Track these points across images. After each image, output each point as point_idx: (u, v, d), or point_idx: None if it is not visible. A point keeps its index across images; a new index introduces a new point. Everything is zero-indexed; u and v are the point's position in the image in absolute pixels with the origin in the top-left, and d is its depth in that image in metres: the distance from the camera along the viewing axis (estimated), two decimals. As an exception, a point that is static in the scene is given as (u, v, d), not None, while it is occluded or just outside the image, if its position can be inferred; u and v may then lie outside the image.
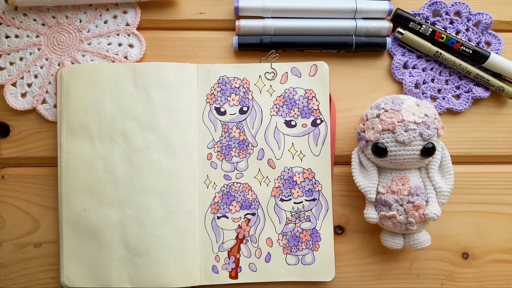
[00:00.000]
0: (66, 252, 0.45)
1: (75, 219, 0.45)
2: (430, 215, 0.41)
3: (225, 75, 0.47)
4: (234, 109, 0.47)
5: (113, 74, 0.46)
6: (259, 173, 0.47)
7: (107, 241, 0.45)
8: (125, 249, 0.45)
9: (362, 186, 0.44)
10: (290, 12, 0.48)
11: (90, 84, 0.46)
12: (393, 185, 0.43)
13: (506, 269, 0.48)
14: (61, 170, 0.46)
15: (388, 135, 0.41)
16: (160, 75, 0.46)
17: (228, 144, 0.47)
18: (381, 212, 0.43)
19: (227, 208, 0.47)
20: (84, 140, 0.45)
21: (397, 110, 0.42)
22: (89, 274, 0.45)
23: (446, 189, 0.42)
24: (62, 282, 0.45)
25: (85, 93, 0.46)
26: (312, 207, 0.47)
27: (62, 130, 0.46)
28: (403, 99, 0.43)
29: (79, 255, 0.45)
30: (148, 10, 0.49)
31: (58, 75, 0.46)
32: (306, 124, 0.47)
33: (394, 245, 0.45)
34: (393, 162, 0.42)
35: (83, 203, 0.45)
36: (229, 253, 0.46)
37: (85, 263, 0.45)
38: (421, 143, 0.41)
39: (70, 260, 0.45)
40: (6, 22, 0.48)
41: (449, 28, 0.49)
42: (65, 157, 0.45)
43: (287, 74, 0.48)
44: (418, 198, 0.42)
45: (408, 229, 0.43)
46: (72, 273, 0.45)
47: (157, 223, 0.45)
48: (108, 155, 0.45)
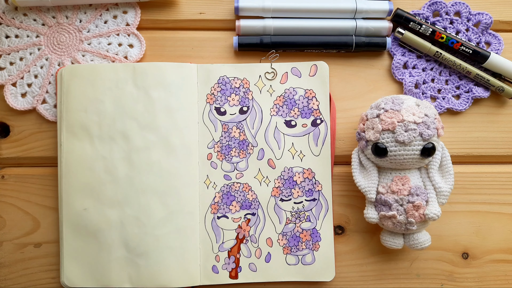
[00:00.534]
0: (66, 252, 0.45)
1: (75, 219, 0.45)
2: (430, 215, 0.41)
3: (225, 75, 0.47)
4: (234, 109, 0.47)
5: (113, 74, 0.46)
6: (259, 173, 0.47)
7: (107, 241, 0.45)
8: (125, 249, 0.45)
9: (362, 186, 0.44)
10: (290, 12, 0.48)
11: (90, 84, 0.46)
12: (393, 185, 0.43)
13: (506, 269, 0.48)
14: (61, 170, 0.46)
15: (388, 135, 0.41)
16: (160, 75, 0.46)
17: (228, 144, 0.47)
18: (381, 212, 0.43)
19: (227, 208, 0.47)
20: (84, 140, 0.45)
21: (397, 110, 0.42)
22: (89, 274, 0.45)
23: (446, 189, 0.42)
24: (62, 282, 0.45)
25: (85, 93, 0.46)
26: (312, 207, 0.47)
27: (62, 130, 0.46)
28: (403, 99, 0.43)
29: (79, 255, 0.45)
30: (148, 10, 0.49)
31: (58, 75, 0.46)
32: (306, 124, 0.47)
33: (394, 245, 0.45)
34: (393, 162, 0.42)
35: (83, 203, 0.45)
36: (229, 253, 0.46)
37: (85, 263, 0.45)
38: (421, 143, 0.41)
39: (70, 260, 0.45)
40: (6, 22, 0.48)
41: (449, 28, 0.49)
42: (65, 157, 0.45)
43: (287, 74, 0.48)
44: (418, 198, 0.42)
45: (408, 229, 0.43)
46: (72, 273, 0.45)
47: (157, 223, 0.45)
48: (108, 155, 0.45)
